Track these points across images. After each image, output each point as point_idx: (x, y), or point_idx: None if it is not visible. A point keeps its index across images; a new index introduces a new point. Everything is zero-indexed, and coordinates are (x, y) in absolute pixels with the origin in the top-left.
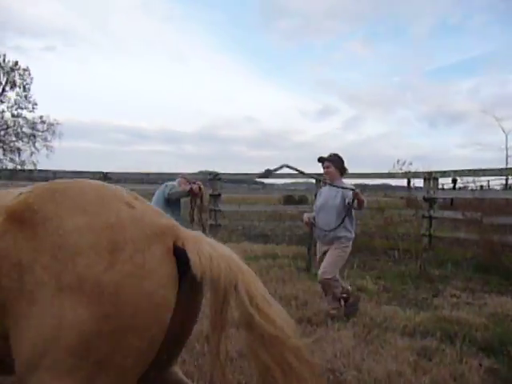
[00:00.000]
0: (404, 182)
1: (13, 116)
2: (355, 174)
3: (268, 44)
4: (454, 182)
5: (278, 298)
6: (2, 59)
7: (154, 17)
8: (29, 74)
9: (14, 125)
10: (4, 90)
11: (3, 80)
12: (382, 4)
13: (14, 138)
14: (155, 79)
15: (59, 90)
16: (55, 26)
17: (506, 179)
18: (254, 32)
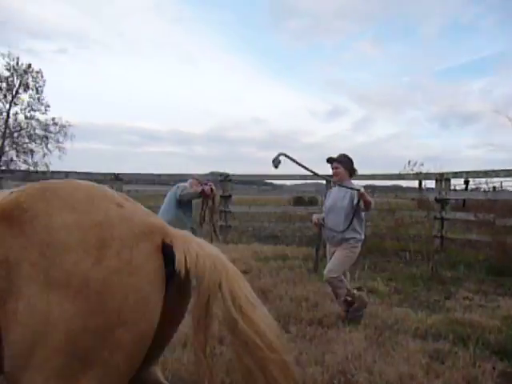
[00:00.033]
0: (415, 183)
1: (26, 118)
2: (365, 175)
3: (277, 44)
4: (467, 183)
5: (289, 299)
6: (15, 62)
7: (165, 18)
8: (41, 77)
9: (27, 127)
10: (17, 92)
11: (17, 82)
12: (392, 4)
13: (27, 140)
14: (165, 80)
15: (71, 91)
16: (68, 28)
17: None
18: (263, 32)
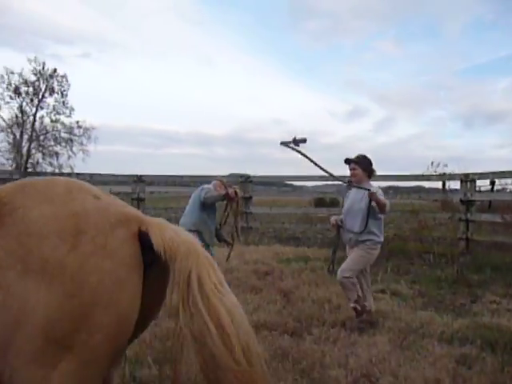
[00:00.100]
0: (438, 185)
1: (51, 121)
2: (387, 176)
3: (297, 45)
4: (492, 183)
5: (311, 301)
6: (41, 67)
7: (184, 20)
8: (66, 81)
9: (53, 130)
10: (43, 96)
11: (42, 87)
12: (413, 2)
13: (52, 143)
14: (185, 82)
15: (94, 95)
16: (91, 33)
17: None
18: (282, 33)
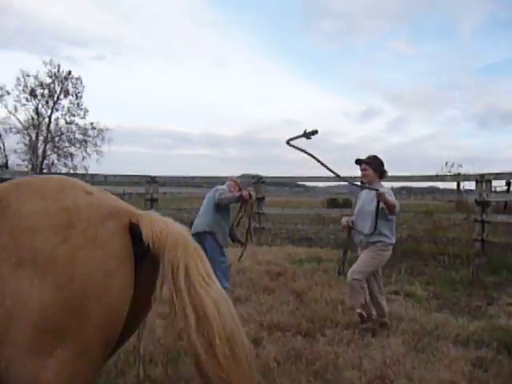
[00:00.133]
0: (452, 185)
1: (66, 123)
2: (401, 176)
3: (310, 45)
4: (508, 184)
5: (324, 302)
6: (56, 69)
7: (198, 22)
8: (81, 83)
9: (67, 131)
10: (58, 98)
11: (57, 89)
12: (427, 1)
13: (67, 144)
14: (198, 84)
15: (109, 96)
16: (105, 35)
17: None
18: (295, 34)
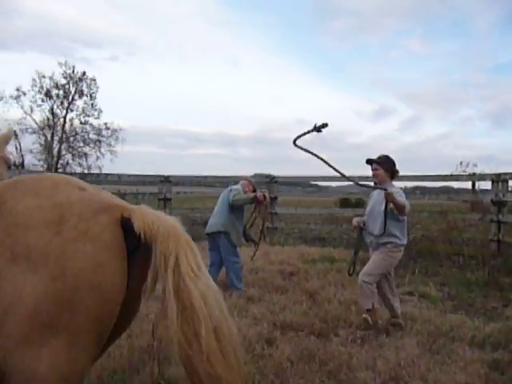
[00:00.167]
0: (467, 185)
1: (81, 123)
2: (415, 176)
3: (322, 45)
4: None
5: (337, 302)
6: (71, 70)
7: (210, 22)
8: (95, 83)
9: (82, 131)
10: (73, 99)
11: (72, 90)
12: None
13: (81, 144)
14: (210, 84)
15: (122, 97)
16: (119, 36)
17: None
18: (307, 33)
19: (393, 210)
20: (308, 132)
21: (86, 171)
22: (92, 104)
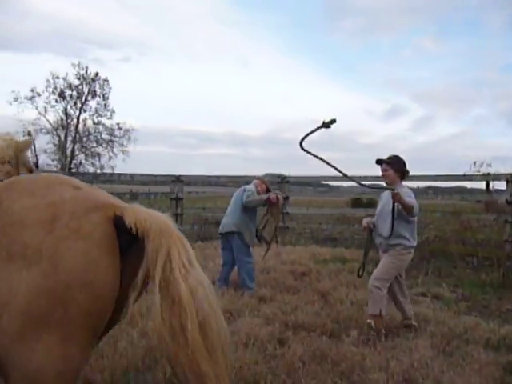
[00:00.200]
0: (480, 185)
1: (94, 123)
2: (427, 176)
3: (333, 44)
4: None
5: (350, 303)
6: (84, 71)
7: (222, 22)
8: (107, 84)
9: (95, 131)
10: (86, 99)
11: (85, 90)
12: None
13: (94, 144)
14: (222, 84)
15: (134, 97)
16: (131, 37)
17: None
18: (319, 33)
19: (401, 210)
20: (317, 129)
21: (98, 171)
22: (105, 104)
